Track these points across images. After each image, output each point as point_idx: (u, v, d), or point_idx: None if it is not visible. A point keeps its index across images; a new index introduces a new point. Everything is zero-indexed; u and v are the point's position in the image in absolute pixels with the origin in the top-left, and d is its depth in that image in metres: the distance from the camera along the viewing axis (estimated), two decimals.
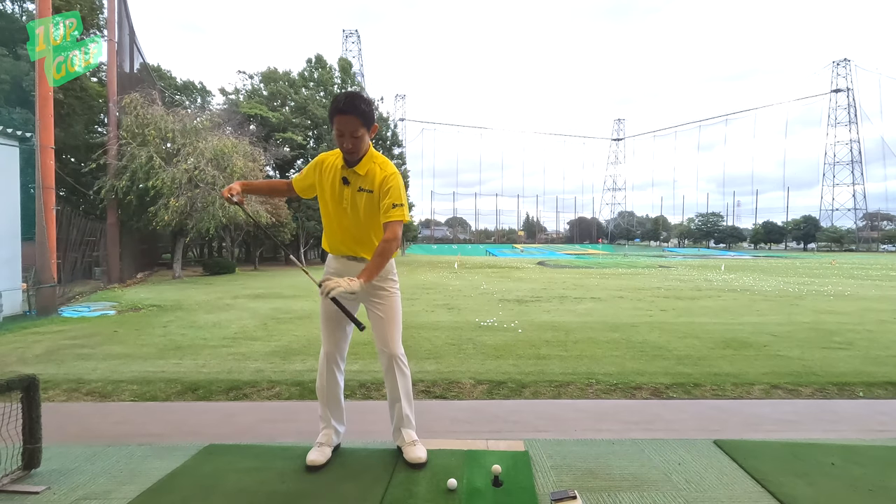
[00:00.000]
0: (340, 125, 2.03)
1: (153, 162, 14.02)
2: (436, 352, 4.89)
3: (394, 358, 2.20)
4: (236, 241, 22.73)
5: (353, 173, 2.13)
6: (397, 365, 2.21)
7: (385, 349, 2.21)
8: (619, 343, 5.36)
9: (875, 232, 66.72)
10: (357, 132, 2.04)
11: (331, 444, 2.24)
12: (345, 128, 2.03)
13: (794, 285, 13.10)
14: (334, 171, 2.18)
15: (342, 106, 2.01)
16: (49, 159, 8.54)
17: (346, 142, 2.05)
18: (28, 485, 1.97)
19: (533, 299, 9.64)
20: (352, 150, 2.07)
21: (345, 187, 2.15)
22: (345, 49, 66.77)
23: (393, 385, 2.22)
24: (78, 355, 4.86)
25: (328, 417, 2.27)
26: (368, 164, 2.14)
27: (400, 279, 2.35)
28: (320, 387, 2.28)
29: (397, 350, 2.21)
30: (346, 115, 2.01)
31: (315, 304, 8.92)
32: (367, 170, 2.13)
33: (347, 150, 2.08)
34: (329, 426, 2.26)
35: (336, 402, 2.29)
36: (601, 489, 1.96)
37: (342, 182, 2.15)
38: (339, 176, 2.16)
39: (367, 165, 2.13)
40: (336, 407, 2.29)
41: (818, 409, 3.24)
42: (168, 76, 24.75)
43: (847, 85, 69.98)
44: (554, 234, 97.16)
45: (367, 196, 2.13)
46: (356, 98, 2.05)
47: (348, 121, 2.02)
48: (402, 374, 2.23)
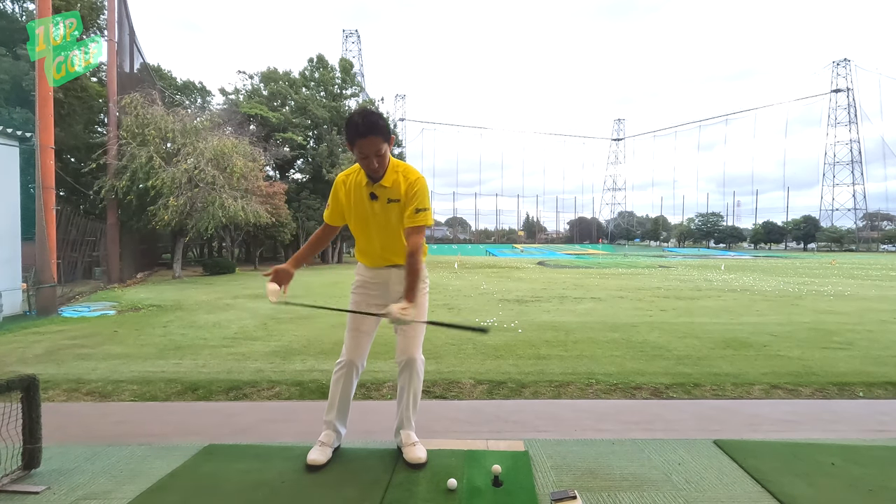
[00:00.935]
0: (363, 148, 2.01)
1: (153, 162, 14.02)
2: (436, 352, 4.88)
3: (414, 361, 2.22)
4: (236, 241, 22.73)
5: (379, 187, 2.12)
6: (416, 368, 2.23)
7: (407, 350, 2.22)
8: (619, 343, 5.36)
9: (875, 232, 66.70)
10: (381, 150, 2.03)
11: (332, 445, 2.24)
12: (368, 150, 2.01)
13: (794, 285, 13.10)
14: (358, 190, 2.16)
15: (361, 129, 1.99)
16: (49, 159, 8.54)
17: (372, 162, 2.04)
18: (28, 485, 1.97)
19: (533, 299, 9.64)
20: (378, 168, 2.07)
21: (374, 202, 2.14)
22: (345, 49, 66.81)
23: (405, 385, 2.24)
24: (78, 355, 4.86)
25: (334, 420, 2.26)
26: (392, 175, 2.13)
27: None
28: (336, 392, 2.25)
29: (418, 353, 2.23)
30: (367, 137, 1.99)
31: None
32: (393, 181, 2.13)
33: (374, 170, 2.07)
34: (333, 429, 2.26)
35: (347, 407, 2.30)
36: (601, 489, 1.96)
37: (370, 198, 2.14)
38: (364, 193, 2.15)
39: (392, 177, 2.13)
40: (345, 411, 2.30)
41: (818, 409, 3.24)
42: (168, 76, 24.74)
43: (847, 85, 69.96)
44: (554, 234, 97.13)
45: (397, 206, 2.14)
46: (371, 116, 2.03)
47: (370, 143, 2.00)
48: (418, 377, 2.25)
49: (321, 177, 23.38)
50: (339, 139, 24.40)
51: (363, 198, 2.15)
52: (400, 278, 2.19)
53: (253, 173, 17.06)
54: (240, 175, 15.90)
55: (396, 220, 2.16)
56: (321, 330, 6.21)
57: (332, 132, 24.41)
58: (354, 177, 2.18)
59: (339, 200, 2.23)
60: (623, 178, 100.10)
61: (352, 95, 27.06)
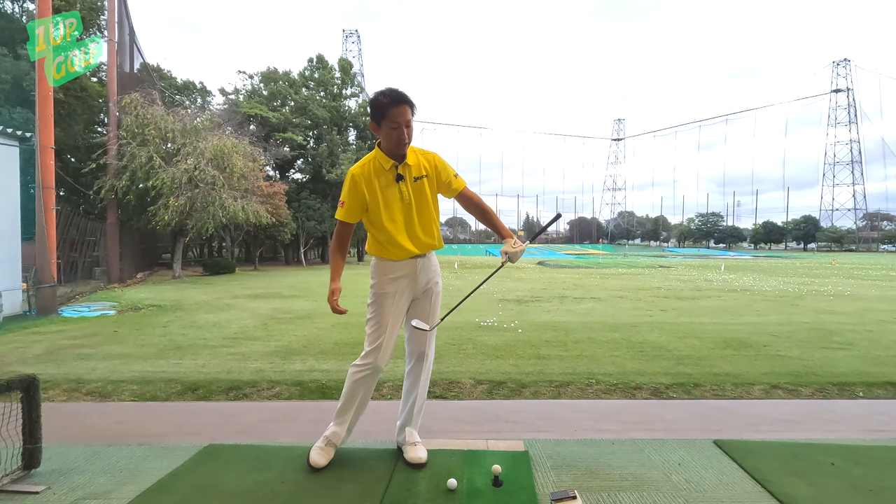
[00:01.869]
0: (397, 117, 2.01)
1: (153, 162, 14.02)
2: (436, 352, 4.85)
3: (425, 357, 2.22)
4: (236, 241, 22.72)
5: (405, 166, 2.12)
6: (427, 361, 2.23)
7: (420, 346, 2.21)
8: (619, 343, 5.36)
9: (875, 232, 66.71)
10: (410, 122, 2.06)
11: (336, 445, 2.20)
12: (402, 118, 2.01)
13: (793, 285, 13.10)
14: (381, 175, 2.11)
15: (395, 97, 2.01)
16: (49, 159, 8.55)
17: (403, 132, 2.03)
18: (28, 485, 1.97)
19: (533, 299, 9.64)
20: (407, 140, 2.07)
21: (401, 184, 2.12)
22: (345, 49, 66.81)
23: (414, 383, 2.23)
24: (78, 355, 4.86)
25: (346, 421, 2.18)
26: (411, 154, 2.15)
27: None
28: (356, 392, 2.15)
29: (431, 350, 2.23)
30: (400, 105, 2.01)
31: (315, 304, 8.92)
32: (415, 160, 2.15)
33: (403, 142, 2.06)
34: (344, 429, 2.19)
35: (363, 410, 2.23)
36: (601, 489, 1.96)
37: (397, 180, 2.11)
38: (389, 178, 2.11)
39: (412, 156, 2.15)
40: (361, 414, 2.24)
41: (818, 409, 3.24)
42: (168, 76, 24.72)
43: (847, 85, 70.05)
44: (554, 235, 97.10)
45: (427, 181, 2.15)
46: (399, 90, 2.06)
47: (403, 111, 2.01)
48: (427, 375, 2.25)
49: (321, 177, 23.37)
50: (339, 139, 24.40)
51: (389, 182, 2.11)
52: (425, 268, 2.19)
53: (253, 173, 17.05)
54: (240, 175, 15.90)
55: (431, 196, 2.16)
56: (321, 330, 6.21)
57: (332, 132, 24.39)
58: (372, 165, 2.12)
59: (360, 192, 2.10)
60: (623, 178, 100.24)
61: (352, 95, 27.04)
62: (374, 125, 2.10)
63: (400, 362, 4.26)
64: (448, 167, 2.23)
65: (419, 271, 2.19)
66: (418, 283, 2.20)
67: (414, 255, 2.17)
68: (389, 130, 2.04)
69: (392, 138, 2.05)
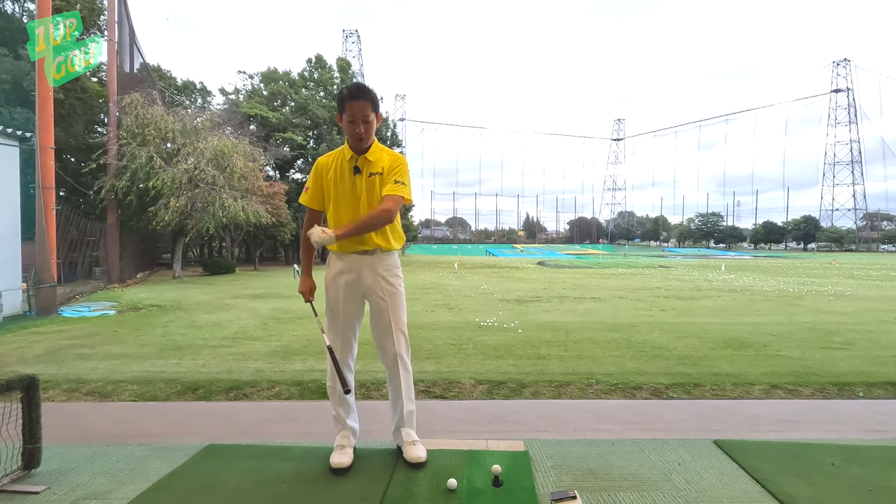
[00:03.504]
0: (352, 111, 2.07)
1: (153, 162, 14.03)
2: (436, 352, 4.88)
3: (398, 357, 2.20)
4: (236, 241, 22.72)
5: (364, 160, 2.15)
6: (402, 363, 2.21)
7: (390, 349, 2.20)
8: (619, 343, 5.36)
9: (875, 232, 66.71)
10: (368, 117, 2.09)
11: (351, 445, 2.21)
12: (357, 113, 2.07)
13: (794, 285, 13.10)
14: (341, 165, 2.18)
15: (353, 92, 2.08)
16: (49, 159, 8.55)
17: (359, 126, 2.08)
18: (28, 485, 1.97)
19: (533, 299, 9.64)
20: (364, 135, 2.10)
21: (356, 176, 2.16)
22: (345, 49, 66.74)
23: (396, 384, 2.22)
24: (78, 355, 4.86)
25: (342, 418, 2.23)
26: (377, 151, 2.18)
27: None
28: (333, 387, 2.22)
29: (401, 349, 2.21)
30: (357, 100, 2.07)
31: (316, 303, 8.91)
32: (377, 157, 2.17)
33: (359, 136, 2.09)
34: (345, 427, 2.23)
35: (347, 402, 2.25)
36: (601, 489, 1.96)
37: (353, 172, 2.16)
38: (347, 168, 2.16)
39: (377, 153, 2.18)
40: (347, 406, 2.26)
41: (818, 409, 3.23)
42: (168, 76, 24.74)
43: (847, 85, 70.00)
44: (554, 234, 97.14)
45: (379, 179, 2.16)
46: (362, 84, 2.14)
47: (359, 106, 2.06)
48: (406, 373, 2.23)
49: None
50: (339, 139, 24.39)
51: (346, 172, 2.17)
52: (372, 265, 2.19)
53: (253, 173, 17.06)
54: (240, 175, 15.91)
55: (379, 195, 2.15)
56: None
57: (332, 132, 24.40)
58: (335, 156, 2.21)
59: (320, 179, 2.22)
60: (623, 178, 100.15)
61: None
62: (338, 116, 2.16)
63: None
64: (399, 173, 2.14)
65: (366, 267, 2.19)
66: (365, 279, 2.19)
67: (360, 251, 2.19)
68: (347, 124, 2.11)
69: (349, 131, 2.12)
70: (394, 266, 2.25)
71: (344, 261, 2.22)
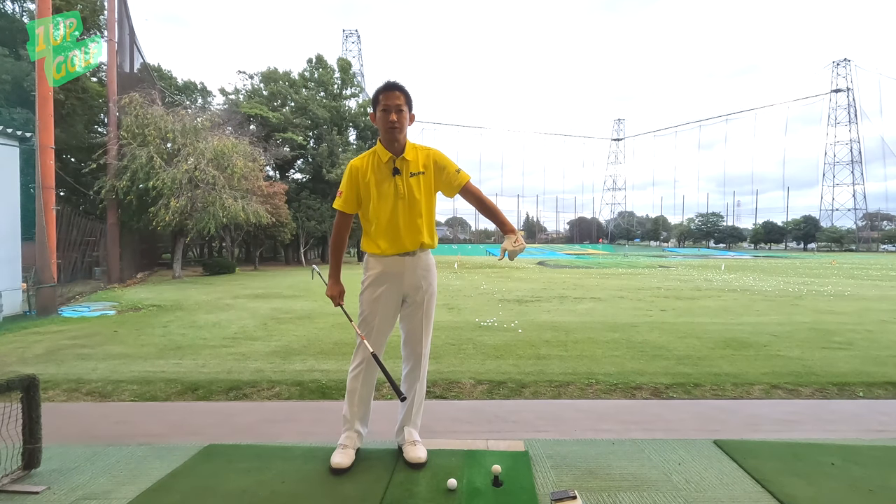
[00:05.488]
0: (387, 100, 2.09)
1: (153, 162, 14.01)
2: (436, 352, 4.88)
3: (422, 357, 2.22)
4: (236, 241, 22.72)
5: (402, 161, 2.15)
6: (423, 365, 2.24)
7: (417, 347, 2.22)
8: (619, 343, 5.36)
9: (875, 232, 66.74)
10: (401, 107, 2.10)
11: (354, 447, 2.21)
12: (391, 102, 2.08)
13: (793, 285, 13.10)
14: (378, 169, 2.15)
15: (387, 84, 2.12)
16: (49, 159, 8.54)
17: (391, 115, 2.08)
18: (28, 485, 1.97)
19: (533, 299, 9.64)
20: (397, 124, 2.09)
21: (397, 178, 2.14)
22: (345, 49, 66.80)
23: (412, 384, 2.24)
24: (78, 355, 4.86)
25: (354, 420, 2.21)
26: (412, 150, 2.19)
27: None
28: (354, 389, 2.19)
29: (426, 349, 2.24)
30: (392, 91, 2.10)
31: (315, 304, 8.92)
32: (413, 156, 2.17)
33: (392, 125, 2.08)
34: (353, 429, 2.21)
35: (367, 405, 2.25)
36: (601, 489, 1.96)
37: (393, 174, 2.14)
38: (386, 170, 2.15)
39: (412, 152, 2.18)
40: (366, 409, 2.25)
41: (818, 409, 3.23)
42: (168, 76, 24.73)
43: (847, 85, 70.09)
44: (554, 234, 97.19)
45: (422, 178, 2.16)
46: (397, 81, 2.16)
47: (393, 96, 2.09)
48: (424, 376, 2.26)
49: (321, 177, 23.37)
50: (339, 139, 24.40)
51: (386, 175, 2.14)
52: (413, 267, 2.18)
53: (253, 173, 17.05)
54: (240, 175, 15.90)
55: (424, 194, 2.16)
56: (321, 330, 6.21)
57: (332, 132, 24.39)
58: (371, 158, 2.18)
59: (356, 183, 2.17)
60: (623, 178, 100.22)
61: (351, 95, 27.06)
62: (372, 115, 2.18)
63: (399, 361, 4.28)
64: (450, 163, 2.21)
65: (408, 269, 2.18)
66: (406, 281, 2.19)
67: (403, 252, 2.18)
68: (380, 113, 2.11)
69: (382, 122, 2.11)
70: (432, 265, 2.29)
71: (384, 263, 2.19)
